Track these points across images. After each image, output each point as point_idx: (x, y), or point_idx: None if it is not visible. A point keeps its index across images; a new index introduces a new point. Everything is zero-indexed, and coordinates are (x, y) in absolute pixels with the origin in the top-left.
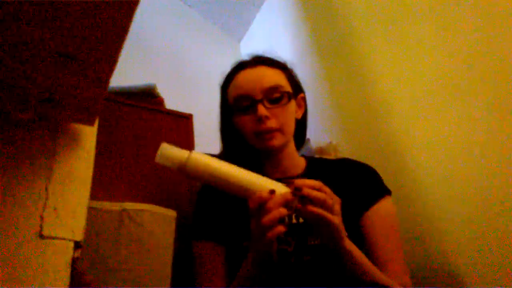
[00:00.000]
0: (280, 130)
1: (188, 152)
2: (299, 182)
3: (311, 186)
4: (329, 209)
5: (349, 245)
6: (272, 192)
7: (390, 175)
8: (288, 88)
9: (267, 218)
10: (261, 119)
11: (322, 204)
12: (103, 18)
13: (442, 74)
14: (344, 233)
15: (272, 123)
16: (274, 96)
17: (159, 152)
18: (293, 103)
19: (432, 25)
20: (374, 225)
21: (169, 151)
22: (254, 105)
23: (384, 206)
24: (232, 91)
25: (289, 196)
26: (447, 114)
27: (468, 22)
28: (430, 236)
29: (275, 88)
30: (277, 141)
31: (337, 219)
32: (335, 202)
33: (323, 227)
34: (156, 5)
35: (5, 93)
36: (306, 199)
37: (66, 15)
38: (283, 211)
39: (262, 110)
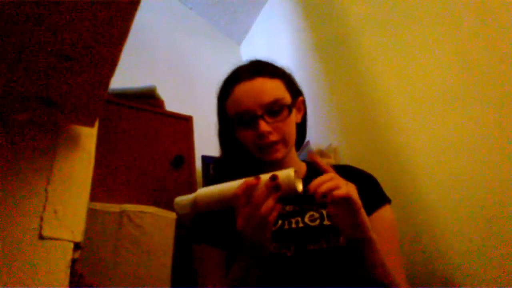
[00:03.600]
0: (282, 141)
1: (194, 194)
2: (314, 184)
3: (323, 181)
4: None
5: (371, 232)
6: (258, 177)
7: (389, 178)
8: (287, 98)
9: (256, 197)
10: (263, 135)
11: (336, 186)
12: (103, 19)
13: (442, 76)
14: (367, 219)
15: (274, 137)
16: (274, 110)
17: (174, 207)
18: (293, 113)
19: (432, 27)
20: (373, 232)
21: (181, 202)
22: (255, 120)
23: (383, 214)
24: (231, 106)
25: (271, 183)
26: (447, 116)
27: (468, 22)
28: (429, 238)
29: (275, 102)
30: (280, 153)
31: (357, 198)
32: (349, 186)
33: (346, 212)
34: (157, 7)
35: (6, 94)
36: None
37: (66, 17)
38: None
39: (263, 126)
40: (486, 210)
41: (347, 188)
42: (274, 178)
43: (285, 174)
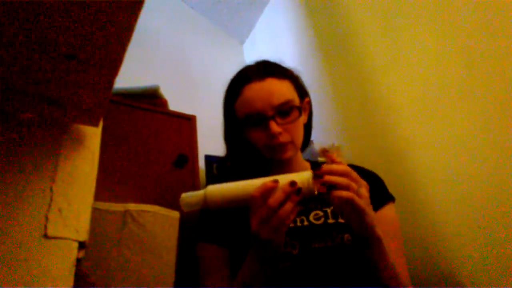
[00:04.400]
0: (292, 142)
1: (204, 190)
2: (326, 168)
3: (336, 171)
4: (355, 193)
5: (379, 232)
6: (276, 181)
7: (392, 176)
8: (297, 99)
9: (275, 200)
10: (274, 136)
11: (346, 188)
12: (107, 19)
13: (444, 76)
14: (374, 219)
15: (284, 138)
16: (285, 111)
17: (181, 203)
18: (302, 115)
19: (435, 27)
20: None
21: (188, 198)
22: (266, 121)
23: (387, 213)
24: (240, 107)
25: (290, 188)
26: (449, 115)
27: (469, 23)
28: (431, 237)
29: (286, 103)
30: (289, 152)
31: (363, 202)
32: (361, 185)
33: (351, 212)
34: (160, 7)
35: (10, 94)
36: (331, 186)
37: (70, 16)
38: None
39: (274, 127)
40: (487, 208)
41: (355, 191)
42: (293, 184)
43: (305, 178)
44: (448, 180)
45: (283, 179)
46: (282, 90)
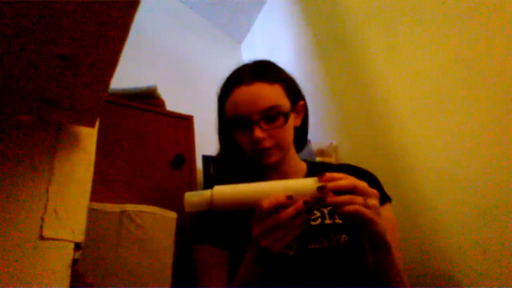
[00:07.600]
0: (277, 147)
1: (210, 190)
2: (331, 186)
3: (341, 187)
4: (361, 205)
5: (388, 237)
6: (290, 198)
7: (390, 176)
8: (286, 104)
9: (282, 215)
10: (257, 141)
11: (351, 202)
12: (103, 19)
13: (443, 75)
14: (385, 226)
15: (268, 143)
16: (271, 116)
17: (185, 203)
18: (291, 119)
19: (433, 26)
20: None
21: (193, 198)
22: (251, 126)
23: (384, 213)
24: (229, 108)
25: (303, 207)
26: (448, 115)
27: (468, 22)
28: (430, 236)
29: (272, 109)
30: (274, 157)
31: (372, 213)
32: (370, 196)
33: (360, 222)
34: (157, 6)
35: (6, 95)
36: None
37: (66, 17)
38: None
39: (258, 132)
40: (487, 208)
41: (362, 203)
42: (306, 203)
43: (310, 188)
44: (447, 179)
45: (287, 186)
46: (269, 94)
